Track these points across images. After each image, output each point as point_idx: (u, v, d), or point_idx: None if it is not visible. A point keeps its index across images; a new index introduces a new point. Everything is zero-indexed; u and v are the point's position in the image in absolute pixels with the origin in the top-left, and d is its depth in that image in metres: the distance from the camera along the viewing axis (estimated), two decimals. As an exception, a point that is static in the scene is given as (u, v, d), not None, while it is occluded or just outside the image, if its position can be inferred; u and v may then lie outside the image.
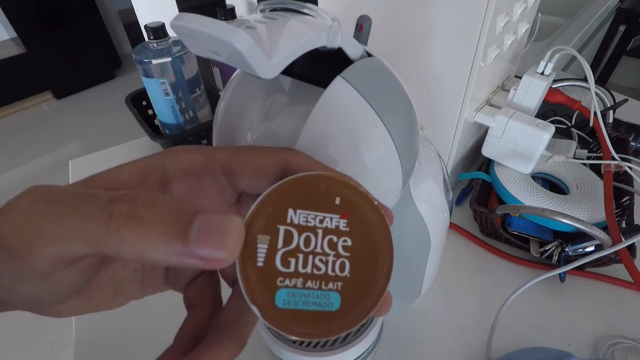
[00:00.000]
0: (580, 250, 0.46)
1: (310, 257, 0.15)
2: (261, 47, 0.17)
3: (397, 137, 0.23)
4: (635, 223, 0.48)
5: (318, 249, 0.15)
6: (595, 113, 0.51)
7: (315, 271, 0.15)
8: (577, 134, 0.61)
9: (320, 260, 0.15)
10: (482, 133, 0.60)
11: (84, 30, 2.43)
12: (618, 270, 0.48)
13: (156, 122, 0.73)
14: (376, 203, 0.16)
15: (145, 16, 1.24)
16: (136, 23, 1.25)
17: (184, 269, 0.20)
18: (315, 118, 0.21)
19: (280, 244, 0.15)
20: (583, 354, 0.42)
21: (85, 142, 2.20)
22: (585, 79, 0.53)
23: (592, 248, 0.46)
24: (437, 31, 0.44)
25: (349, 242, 0.15)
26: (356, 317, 0.15)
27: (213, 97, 0.74)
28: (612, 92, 0.62)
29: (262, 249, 0.14)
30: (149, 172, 0.17)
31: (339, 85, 0.21)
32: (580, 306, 0.47)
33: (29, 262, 0.13)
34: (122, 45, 2.84)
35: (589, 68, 0.50)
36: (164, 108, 0.65)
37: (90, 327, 0.48)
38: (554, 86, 0.55)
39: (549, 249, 0.48)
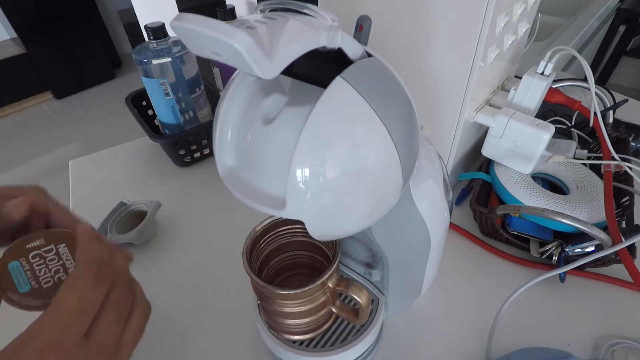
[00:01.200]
0: (580, 250, 0.46)
1: (43, 267, 0.24)
2: (261, 47, 0.17)
3: (397, 137, 0.23)
4: (635, 223, 0.48)
5: (49, 265, 0.24)
6: (595, 113, 0.51)
7: (38, 273, 0.24)
8: (577, 134, 0.61)
9: (44, 271, 0.24)
10: (482, 133, 0.60)
11: (84, 30, 2.43)
12: (618, 270, 0.48)
13: (156, 122, 0.73)
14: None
15: (145, 16, 1.24)
16: (136, 23, 1.25)
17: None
18: (315, 118, 0.21)
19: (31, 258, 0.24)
20: (583, 354, 0.42)
21: (85, 142, 2.20)
22: (585, 79, 0.53)
23: (592, 248, 0.46)
24: (437, 31, 0.44)
25: (63, 276, 0.24)
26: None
27: (213, 97, 0.74)
28: (612, 92, 0.62)
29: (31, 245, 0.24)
30: None
31: (339, 85, 0.21)
32: (580, 306, 0.47)
33: None
34: (122, 45, 2.84)
35: (589, 68, 0.50)
36: (164, 108, 0.65)
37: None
38: (554, 86, 0.55)
39: (549, 249, 0.48)
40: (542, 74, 0.50)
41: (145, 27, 0.60)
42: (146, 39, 0.62)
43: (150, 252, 0.56)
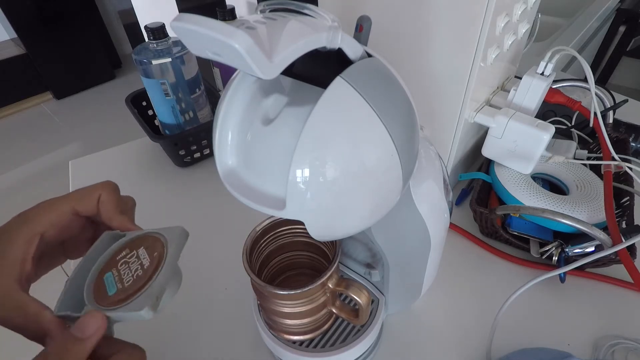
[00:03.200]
0: (580, 250, 0.46)
1: (127, 270, 0.26)
2: (261, 47, 0.17)
3: (397, 137, 0.23)
4: (635, 223, 0.48)
5: (131, 267, 0.27)
6: (595, 113, 0.51)
7: (122, 275, 0.26)
8: (577, 134, 0.61)
9: (126, 273, 0.26)
10: (482, 133, 0.60)
11: (84, 30, 2.43)
12: (618, 270, 0.48)
13: (156, 122, 0.73)
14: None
15: (145, 16, 1.24)
16: (136, 23, 1.25)
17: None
18: (315, 118, 0.21)
19: (126, 257, 0.27)
20: (583, 355, 0.42)
21: (85, 142, 2.20)
22: (585, 80, 0.53)
23: (592, 248, 0.46)
24: (437, 31, 0.44)
25: (140, 273, 0.26)
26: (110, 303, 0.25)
27: (213, 98, 0.74)
28: (612, 92, 0.62)
29: (121, 255, 0.27)
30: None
31: (339, 85, 0.21)
32: (580, 306, 0.47)
33: None
34: (122, 46, 2.84)
35: (589, 68, 0.50)
36: (164, 108, 0.65)
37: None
38: (554, 87, 0.55)
39: (549, 249, 0.48)
40: (542, 74, 0.50)
41: (146, 27, 0.60)
42: (146, 39, 0.62)
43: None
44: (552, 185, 0.57)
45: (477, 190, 0.54)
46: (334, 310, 0.36)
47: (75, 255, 0.32)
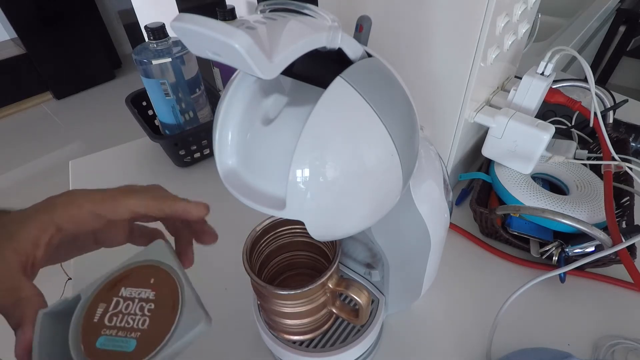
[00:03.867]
0: (580, 250, 0.46)
1: (126, 316, 0.23)
2: (261, 47, 0.17)
3: (397, 137, 0.23)
4: (635, 223, 0.48)
5: (132, 311, 0.23)
6: (595, 113, 0.51)
7: (126, 325, 0.23)
8: (577, 134, 0.61)
9: (132, 318, 0.23)
10: (482, 133, 0.60)
11: (84, 30, 2.43)
12: (618, 270, 0.48)
13: (156, 122, 0.73)
14: (174, 276, 0.25)
15: (145, 16, 1.24)
16: (136, 23, 1.25)
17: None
18: (315, 118, 0.21)
19: (111, 308, 0.23)
20: (583, 355, 0.42)
21: (85, 143, 2.20)
22: (585, 80, 0.53)
23: (592, 248, 0.46)
24: (437, 31, 0.44)
25: (153, 306, 0.24)
26: (143, 353, 0.22)
27: (213, 98, 0.74)
28: (612, 92, 0.62)
29: (98, 312, 0.23)
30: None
31: (339, 85, 0.21)
32: (580, 306, 0.47)
33: None
34: (122, 46, 2.84)
35: (589, 68, 0.50)
36: (164, 108, 0.65)
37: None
38: (554, 87, 0.55)
39: (549, 249, 0.48)
40: (542, 74, 0.50)
41: (146, 27, 0.60)
42: (146, 40, 0.62)
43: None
44: (552, 185, 0.57)
45: (477, 190, 0.54)
46: (334, 310, 0.36)
47: (107, 245, 0.31)
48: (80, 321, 0.23)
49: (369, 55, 0.24)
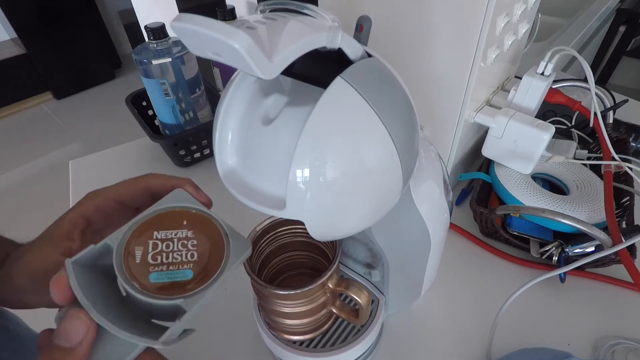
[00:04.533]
0: (580, 250, 0.46)
1: (171, 254, 0.24)
2: (261, 47, 0.17)
3: (397, 137, 0.23)
4: (635, 223, 0.48)
5: (175, 249, 0.24)
6: (595, 113, 0.51)
7: (174, 260, 0.24)
8: (577, 134, 0.61)
9: (177, 254, 0.24)
10: (482, 133, 0.60)
11: (84, 30, 2.43)
12: (618, 270, 0.48)
13: (156, 122, 0.73)
14: (207, 215, 0.26)
15: (145, 16, 1.24)
16: (136, 23, 1.25)
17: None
18: (315, 118, 0.21)
19: (150, 250, 0.24)
20: (583, 355, 0.42)
21: (85, 143, 2.20)
22: (585, 80, 0.53)
23: (592, 248, 0.46)
24: (437, 31, 0.44)
25: (195, 242, 0.24)
26: (204, 279, 0.23)
27: (213, 98, 0.74)
28: (612, 92, 0.62)
29: (137, 254, 0.23)
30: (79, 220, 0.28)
31: (339, 85, 0.21)
32: (580, 306, 0.47)
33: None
34: (122, 46, 2.84)
35: (589, 68, 0.50)
36: (164, 108, 0.65)
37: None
38: (554, 87, 0.55)
39: (549, 249, 0.48)
40: (542, 74, 0.50)
41: (146, 27, 0.60)
42: (146, 40, 0.62)
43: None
44: (552, 185, 0.57)
45: (477, 190, 0.54)
46: (334, 310, 0.36)
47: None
48: (122, 265, 0.23)
49: (369, 55, 0.24)
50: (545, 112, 0.63)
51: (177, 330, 0.22)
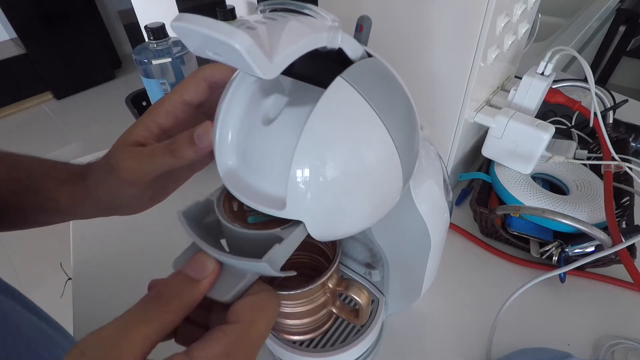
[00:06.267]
0: (580, 250, 0.46)
1: None
2: (261, 47, 0.17)
3: (397, 137, 0.23)
4: (635, 223, 0.48)
5: None
6: (595, 113, 0.51)
7: None
8: (577, 134, 0.61)
9: None
10: (482, 133, 0.60)
11: (84, 30, 2.43)
12: (618, 270, 0.48)
13: (156, 122, 0.73)
14: None
15: (145, 17, 1.24)
16: (136, 23, 1.25)
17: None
18: (315, 118, 0.21)
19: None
20: (583, 355, 0.42)
21: (85, 142, 2.20)
22: (585, 80, 0.53)
23: (592, 248, 0.46)
24: (437, 31, 0.44)
25: None
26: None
27: (213, 98, 0.74)
28: (612, 92, 0.62)
29: (234, 205, 0.26)
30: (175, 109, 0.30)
31: (339, 85, 0.21)
32: (580, 306, 0.47)
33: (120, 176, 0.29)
34: (122, 46, 2.84)
35: (589, 68, 0.50)
36: (164, 108, 0.65)
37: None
38: (554, 87, 0.55)
39: (549, 249, 0.48)
40: (542, 74, 0.50)
41: (146, 27, 0.60)
42: (146, 40, 0.62)
43: (150, 252, 0.55)
44: (552, 185, 0.57)
45: (477, 190, 0.54)
46: (334, 310, 0.36)
47: (198, 169, 0.35)
48: (223, 212, 0.26)
49: (369, 55, 0.24)
50: (545, 112, 0.63)
51: (277, 254, 0.23)
